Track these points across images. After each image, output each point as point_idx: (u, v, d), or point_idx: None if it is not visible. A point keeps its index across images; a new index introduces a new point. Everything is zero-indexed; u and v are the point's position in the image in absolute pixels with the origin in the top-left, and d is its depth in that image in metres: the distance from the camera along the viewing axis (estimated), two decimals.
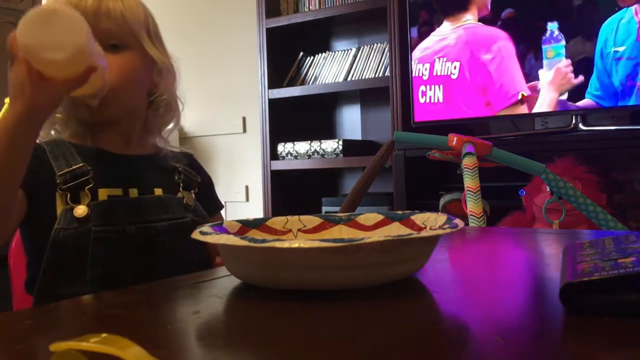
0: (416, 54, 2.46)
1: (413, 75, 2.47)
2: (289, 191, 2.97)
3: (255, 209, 3.25)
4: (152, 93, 0.98)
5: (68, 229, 0.84)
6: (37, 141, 0.93)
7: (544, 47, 2.21)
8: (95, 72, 0.77)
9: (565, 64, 2.16)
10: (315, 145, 2.84)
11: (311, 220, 0.74)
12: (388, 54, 2.64)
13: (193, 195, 1.00)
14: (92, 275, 0.85)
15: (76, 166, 0.88)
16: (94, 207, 0.86)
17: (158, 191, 0.95)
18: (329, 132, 3.18)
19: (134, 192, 0.92)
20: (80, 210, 0.85)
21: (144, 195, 0.93)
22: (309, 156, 2.86)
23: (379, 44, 2.82)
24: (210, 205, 1.05)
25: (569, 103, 2.18)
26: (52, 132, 0.95)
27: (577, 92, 2.15)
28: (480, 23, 2.35)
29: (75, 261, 0.85)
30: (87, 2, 0.89)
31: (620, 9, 2.07)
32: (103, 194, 0.88)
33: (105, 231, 0.86)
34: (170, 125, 1.02)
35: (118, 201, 0.89)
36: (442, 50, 2.41)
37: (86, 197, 0.87)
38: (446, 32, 2.39)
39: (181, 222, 0.94)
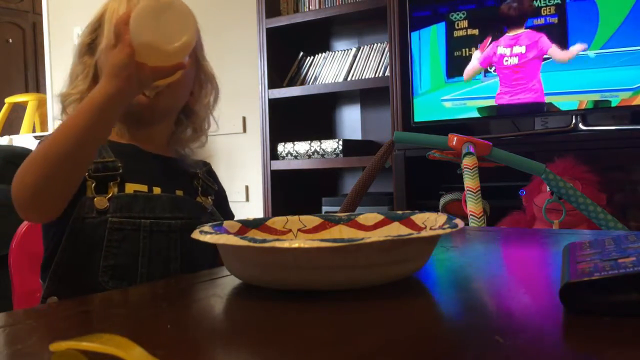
0: None
1: None
2: (289, 191, 2.98)
3: (255, 209, 3.25)
4: (189, 107, 1.01)
5: (86, 218, 0.87)
6: None
7: None
8: None
9: None
10: (315, 145, 2.84)
11: (311, 220, 0.74)
12: (388, 54, 2.64)
13: (210, 201, 1.01)
14: (105, 265, 0.87)
15: (109, 159, 0.91)
16: (114, 199, 0.89)
17: (179, 193, 0.97)
18: (329, 132, 3.18)
19: (157, 191, 0.94)
20: (101, 201, 0.88)
21: (161, 194, 0.94)
22: (309, 156, 2.86)
23: (379, 44, 2.82)
24: (223, 216, 1.06)
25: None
26: None
27: None
28: None
29: (90, 250, 0.87)
30: None
31: None
32: (130, 188, 0.91)
33: (121, 222, 0.88)
34: (196, 144, 1.06)
35: (136, 196, 0.91)
36: None
37: (112, 190, 0.89)
38: None
39: (195, 223, 0.95)
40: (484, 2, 2.42)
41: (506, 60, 2.33)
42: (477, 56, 2.40)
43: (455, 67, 2.48)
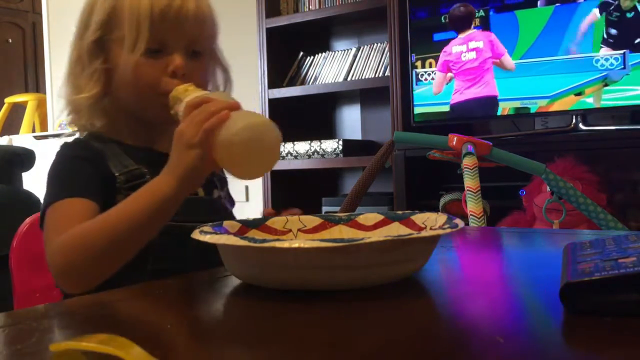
0: None
1: None
2: (289, 191, 2.97)
3: (255, 209, 3.25)
4: None
5: None
6: (80, 136, 0.93)
7: None
8: None
9: None
10: (315, 145, 2.84)
11: (311, 220, 0.74)
12: (388, 54, 2.64)
13: (222, 194, 1.00)
14: (153, 268, 0.85)
15: (133, 168, 0.88)
16: None
17: (200, 192, 0.94)
18: (329, 132, 3.18)
19: None
20: None
21: (194, 196, 0.92)
22: (309, 156, 2.86)
23: (379, 44, 2.82)
24: (229, 202, 1.04)
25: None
26: (97, 124, 0.92)
27: None
28: None
29: (138, 254, 0.83)
30: (189, 6, 0.88)
31: None
32: None
33: (171, 226, 0.84)
34: None
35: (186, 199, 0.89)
36: None
37: None
38: None
39: None
40: (416, 13, 2.53)
41: (464, 56, 2.40)
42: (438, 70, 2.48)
43: None
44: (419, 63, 2.50)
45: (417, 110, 2.51)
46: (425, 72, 2.49)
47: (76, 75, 0.91)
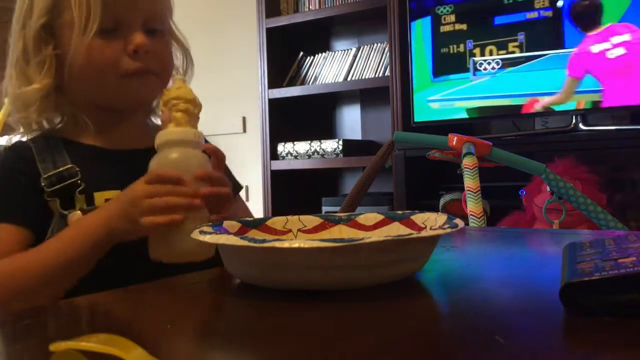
0: None
1: None
2: (289, 191, 2.98)
3: (255, 209, 3.24)
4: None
5: None
6: (25, 139, 0.88)
7: None
8: None
9: None
10: (315, 145, 2.84)
11: (311, 220, 0.73)
12: (388, 54, 2.64)
13: None
14: (91, 280, 0.78)
15: (63, 167, 0.81)
16: (86, 213, 0.79)
17: None
18: (329, 132, 3.18)
19: None
20: (76, 217, 0.79)
21: None
22: (309, 156, 2.86)
23: (379, 44, 2.83)
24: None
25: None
26: (44, 123, 0.88)
27: None
28: None
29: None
30: None
31: None
32: (100, 197, 0.81)
33: None
34: None
35: None
36: None
37: (81, 202, 0.80)
38: None
39: None
40: None
41: (611, 54, 2.11)
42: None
43: (441, 65, 2.39)
44: (477, 50, 2.24)
45: (475, 103, 2.25)
46: (485, 60, 2.20)
47: (22, 68, 0.84)
